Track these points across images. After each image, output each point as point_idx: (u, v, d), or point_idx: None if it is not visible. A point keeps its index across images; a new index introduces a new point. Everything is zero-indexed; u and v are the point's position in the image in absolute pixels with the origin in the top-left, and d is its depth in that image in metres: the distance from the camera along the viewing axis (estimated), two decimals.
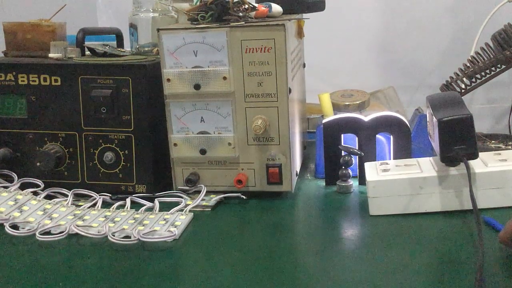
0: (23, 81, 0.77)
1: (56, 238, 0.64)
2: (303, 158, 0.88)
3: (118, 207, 0.72)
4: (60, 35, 0.88)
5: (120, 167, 0.76)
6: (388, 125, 0.76)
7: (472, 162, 0.66)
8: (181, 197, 0.74)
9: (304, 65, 0.94)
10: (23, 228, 0.66)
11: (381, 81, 1.32)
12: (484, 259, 0.51)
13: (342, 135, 0.77)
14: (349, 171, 0.77)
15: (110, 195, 0.75)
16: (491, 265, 0.53)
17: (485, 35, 0.98)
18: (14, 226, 0.66)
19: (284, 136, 0.72)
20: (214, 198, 0.74)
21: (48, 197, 0.74)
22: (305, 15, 0.88)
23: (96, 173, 0.77)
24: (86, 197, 0.76)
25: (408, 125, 0.76)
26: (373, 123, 0.76)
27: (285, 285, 0.52)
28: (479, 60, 0.94)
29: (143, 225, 0.65)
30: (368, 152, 0.77)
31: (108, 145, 0.76)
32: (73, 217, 0.69)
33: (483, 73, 0.93)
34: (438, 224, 0.65)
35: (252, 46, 0.70)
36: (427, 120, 0.73)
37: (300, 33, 0.85)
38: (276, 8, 0.78)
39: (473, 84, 0.94)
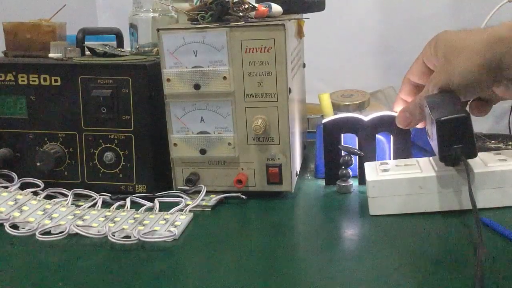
0: (23, 81, 0.77)
1: (56, 238, 0.64)
2: (303, 158, 0.88)
3: (118, 207, 0.72)
4: (60, 35, 0.88)
5: (120, 167, 0.76)
6: (388, 124, 0.76)
7: (471, 162, 0.66)
8: (181, 197, 0.74)
9: (304, 65, 0.94)
10: (23, 228, 0.66)
11: (381, 81, 1.32)
12: (484, 259, 0.51)
13: (342, 135, 0.77)
14: (349, 171, 0.77)
15: (110, 195, 0.75)
16: (490, 265, 0.53)
17: None
18: (14, 226, 0.66)
19: (284, 136, 0.72)
20: (214, 198, 0.74)
21: (48, 197, 0.74)
22: (305, 15, 0.88)
23: (96, 173, 0.77)
24: (86, 197, 0.76)
25: None
26: (373, 123, 0.76)
27: (285, 285, 0.52)
28: None
29: (143, 225, 0.65)
30: (368, 152, 0.77)
31: (108, 145, 0.76)
32: (73, 217, 0.69)
33: None
34: (438, 224, 0.65)
35: (252, 46, 0.70)
36: (426, 120, 0.73)
37: (300, 33, 0.85)
38: (276, 8, 0.78)
39: None
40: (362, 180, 0.77)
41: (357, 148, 0.77)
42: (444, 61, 0.66)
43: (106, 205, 0.73)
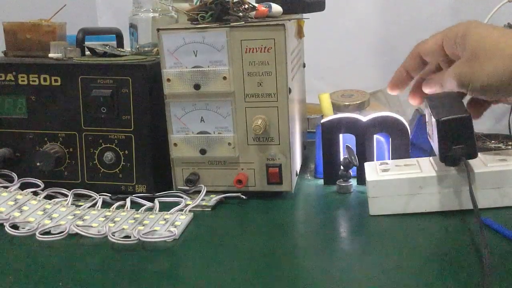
0: (23, 81, 0.77)
1: (56, 238, 0.64)
2: (303, 158, 0.88)
3: (118, 207, 0.72)
4: (60, 35, 0.88)
5: (120, 167, 0.76)
6: (386, 125, 0.76)
7: (472, 162, 0.66)
8: (181, 197, 0.74)
9: (304, 65, 0.94)
10: (23, 228, 0.66)
11: (381, 81, 1.32)
12: (488, 259, 0.51)
13: (340, 135, 0.77)
14: (350, 171, 0.77)
15: (110, 195, 0.75)
16: (491, 265, 0.53)
17: None
18: (14, 226, 0.66)
19: (284, 136, 0.72)
20: (214, 198, 0.74)
21: (48, 197, 0.74)
22: (305, 15, 0.88)
23: (96, 173, 0.77)
24: (86, 197, 0.76)
25: (407, 125, 0.76)
26: (371, 123, 0.76)
27: (285, 285, 0.52)
28: None
29: (143, 225, 0.65)
30: (367, 152, 0.77)
31: (108, 145, 0.76)
32: (73, 217, 0.69)
33: None
34: (438, 224, 0.65)
35: (252, 46, 0.70)
36: (426, 120, 0.73)
37: (300, 33, 0.85)
38: (276, 8, 0.78)
39: None
40: (361, 180, 0.77)
41: (355, 148, 0.77)
42: (471, 57, 0.63)
43: (106, 205, 0.73)
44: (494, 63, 0.62)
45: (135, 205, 0.73)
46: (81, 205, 0.73)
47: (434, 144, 0.67)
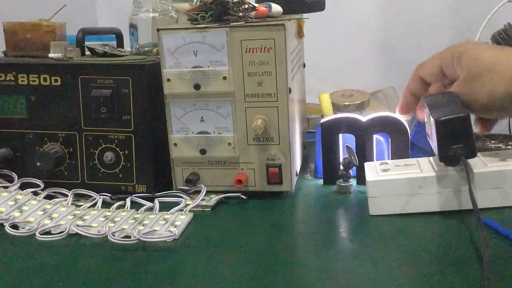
0: (23, 81, 0.77)
1: (56, 238, 0.64)
2: (303, 158, 0.88)
3: (118, 207, 0.72)
4: (60, 35, 0.88)
5: (120, 167, 0.76)
6: (386, 125, 0.76)
7: (471, 162, 0.66)
8: (181, 197, 0.74)
9: (304, 65, 0.94)
10: (23, 228, 0.66)
11: (381, 81, 1.32)
12: (489, 259, 0.51)
13: (340, 135, 0.77)
14: (349, 171, 0.77)
15: (110, 195, 0.75)
16: (491, 265, 0.53)
17: (485, 35, 0.98)
18: (14, 226, 0.67)
19: (284, 136, 0.72)
20: (214, 198, 0.74)
21: (48, 197, 0.74)
22: (305, 15, 0.88)
23: (96, 173, 0.77)
24: (86, 197, 0.76)
25: (407, 125, 0.76)
26: (371, 123, 0.76)
27: (284, 285, 0.52)
28: None
29: (143, 225, 0.65)
30: (366, 153, 0.77)
31: (108, 145, 0.76)
32: (73, 217, 0.69)
33: None
34: (438, 224, 0.65)
35: (252, 46, 0.70)
36: (425, 120, 0.73)
37: (300, 33, 0.85)
38: (276, 8, 0.78)
39: None
40: (361, 180, 0.77)
41: (355, 148, 0.77)
42: (470, 78, 0.63)
43: (106, 205, 0.73)
44: (493, 83, 0.61)
45: (135, 205, 0.73)
46: (81, 205, 0.73)
47: (433, 144, 0.67)
